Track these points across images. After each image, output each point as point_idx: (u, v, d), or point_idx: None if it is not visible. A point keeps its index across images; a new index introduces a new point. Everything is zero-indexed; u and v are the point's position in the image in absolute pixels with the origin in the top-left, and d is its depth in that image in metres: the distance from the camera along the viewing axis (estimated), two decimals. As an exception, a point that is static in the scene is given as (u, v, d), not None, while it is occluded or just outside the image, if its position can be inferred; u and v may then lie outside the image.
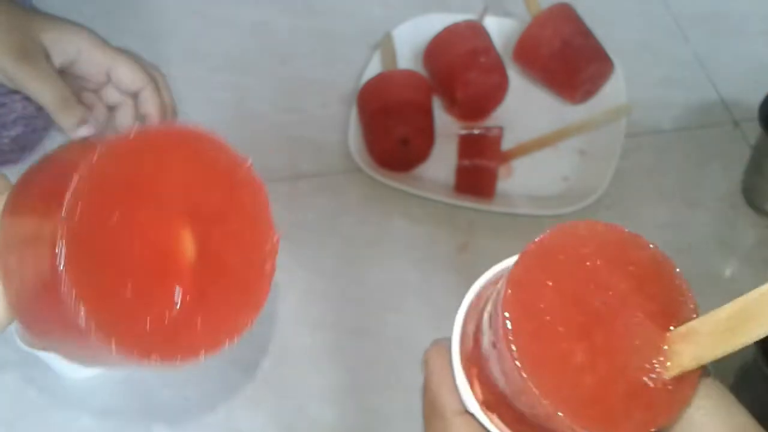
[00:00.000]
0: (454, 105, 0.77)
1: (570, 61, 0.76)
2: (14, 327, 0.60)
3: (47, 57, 0.56)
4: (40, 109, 0.70)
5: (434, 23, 0.79)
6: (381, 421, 0.61)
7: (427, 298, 0.68)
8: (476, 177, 0.73)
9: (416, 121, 0.74)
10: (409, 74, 0.77)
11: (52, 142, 0.77)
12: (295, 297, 0.68)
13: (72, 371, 0.63)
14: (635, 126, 0.77)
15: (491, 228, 0.72)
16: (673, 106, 0.80)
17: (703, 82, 0.83)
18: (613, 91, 0.79)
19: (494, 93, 0.78)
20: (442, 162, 0.76)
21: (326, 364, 0.64)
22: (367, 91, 0.76)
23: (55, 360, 0.61)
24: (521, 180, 0.75)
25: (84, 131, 0.57)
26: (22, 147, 0.74)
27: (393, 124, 0.72)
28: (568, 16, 0.79)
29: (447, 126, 0.77)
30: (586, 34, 0.78)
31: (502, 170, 0.74)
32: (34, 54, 0.55)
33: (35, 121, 0.73)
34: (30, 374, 0.64)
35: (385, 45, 0.82)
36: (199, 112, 0.81)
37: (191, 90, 0.83)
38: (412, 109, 0.74)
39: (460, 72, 0.76)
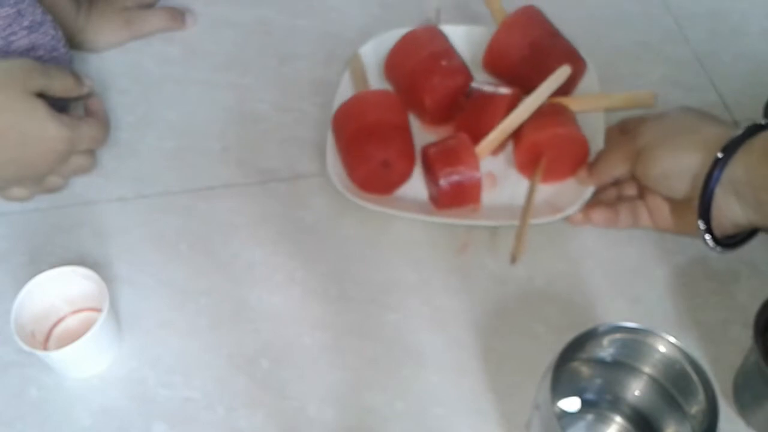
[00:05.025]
0: (423, 112, 0.76)
1: (540, 63, 0.74)
2: (14, 327, 0.60)
3: None
4: None
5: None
6: (381, 421, 0.61)
7: (426, 298, 0.68)
8: (461, 187, 0.70)
9: (396, 143, 0.72)
10: (382, 94, 0.75)
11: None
12: (295, 297, 0.68)
13: (72, 371, 0.63)
14: (635, 126, 0.77)
15: (491, 229, 0.72)
16: (673, 106, 0.80)
17: (703, 82, 0.83)
18: (587, 91, 0.78)
19: (462, 93, 0.76)
20: (423, 179, 0.74)
21: (326, 364, 0.64)
22: (342, 115, 0.74)
23: (55, 360, 0.61)
24: (507, 189, 0.74)
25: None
26: None
27: (372, 147, 0.71)
28: (535, 18, 0.78)
29: (425, 142, 0.73)
30: (555, 34, 0.77)
31: (486, 181, 0.73)
32: None
33: None
34: (30, 374, 0.64)
35: (354, 65, 0.80)
36: (199, 111, 0.81)
37: (191, 90, 0.83)
38: (390, 130, 0.72)
39: (424, 78, 0.74)
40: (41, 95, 0.67)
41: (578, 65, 0.76)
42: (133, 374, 0.64)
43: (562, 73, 0.73)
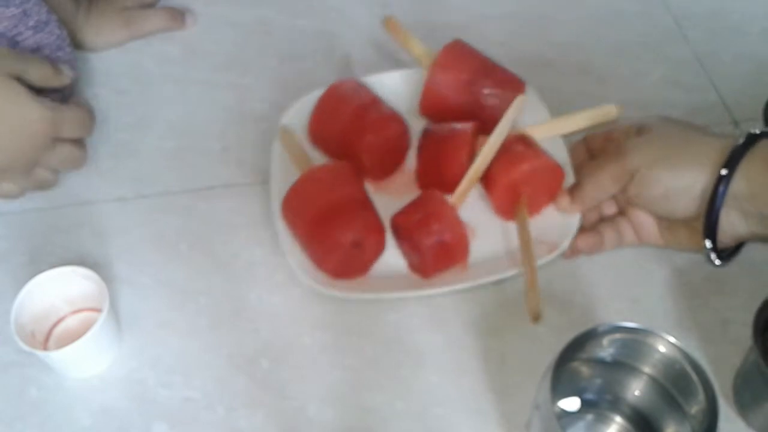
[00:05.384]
0: (363, 171, 0.70)
1: (482, 98, 0.71)
2: (14, 327, 0.60)
3: None
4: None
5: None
6: (381, 421, 0.61)
7: (426, 298, 0.68)
8: (447, 248, 0.65)
9: (361, 218, 0.65)
10: (332, 168, 0.68)
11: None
12: (295, 297, 0.68)
13: (72, 371, 0.63)
14: (635, 126, 0.77)
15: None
16: (673, 106, 0.80)
17: (703, 82, 0.83)
18: (534, 113, 0.73)
19: (400, 142, 0.72)
20: (396, 248, 0.69)
21: (326, 364, 0.64)
22: (293, 201, 0.66)
23: (55, 360, 0.61)
24: (489, 237, 0.69)
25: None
26: None
27: (338, 230, 0.64)
28: (466, 52, 0.74)
29: (387, 208, 0.68)
30: (489, 64, 0.73)
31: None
32: None
33: None
34: (30, 374, 0.64)
35: (286, 140, 0.73)
36: (199, 111, 0.81)
37: (191, 90, 0.83)
38: (352, 206, 0.66)
39: (357, 136, 0.69)
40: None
41: (519, 89, 0.73)
42: (133, 374, 0.64)
43: (520, 102, 0.69)
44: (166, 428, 0.61)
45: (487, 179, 0.69)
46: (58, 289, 0.64)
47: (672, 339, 0.52)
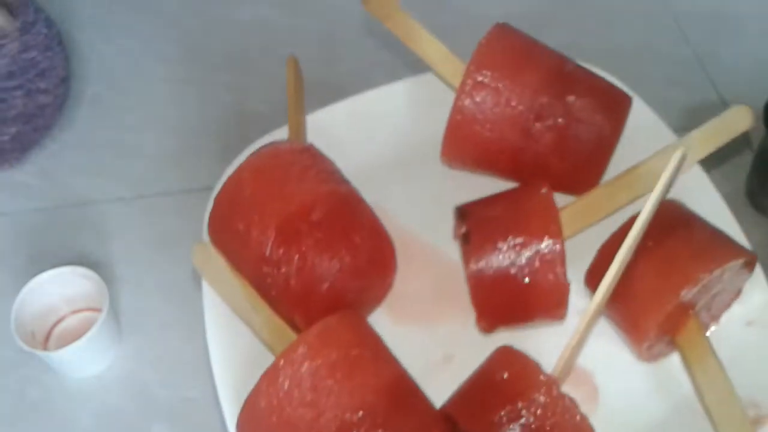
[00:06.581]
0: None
1: (564, 140, 0.42)
2: (14, 327, 0.60)
3: None
4: (41, 107, 0.70)
5: None
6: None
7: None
8: None
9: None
10: (325, 336, 0.39)
11: (53, 141, 0.77)
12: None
13: (72, 371, 0.63)
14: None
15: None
16: (673, 106, 0.80)
17: (703, 82, 0.83)
18: (648, 129, 0.48)
19: (382, 270, 0.43)
20: None
21: (326, 364, 0.64)
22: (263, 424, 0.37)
23: (55, 360, 0.61)
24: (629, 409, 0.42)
25: None
26: (22, 146, 0.74)
27: None
28: (524, 49, 0.45)
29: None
30: (563, 64, 0.45)
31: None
32: None
33: (36, 119, 0.73)
34: (30, 374, 0.64)
35: (218, 277, 0.45)
36: (199, 111, 0.81)
37: (191, 90, 0.83)
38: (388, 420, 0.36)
39: (309, 280, 0.40)
40: None
41: (623, 110, 0.46)
42: (133, 374, 0.64)
43: (677, 160, 0.40)
44: (166, 428, 0.61)
45: (626, 297, 0.38)
46: (58, 289, 0.64)
47: None
